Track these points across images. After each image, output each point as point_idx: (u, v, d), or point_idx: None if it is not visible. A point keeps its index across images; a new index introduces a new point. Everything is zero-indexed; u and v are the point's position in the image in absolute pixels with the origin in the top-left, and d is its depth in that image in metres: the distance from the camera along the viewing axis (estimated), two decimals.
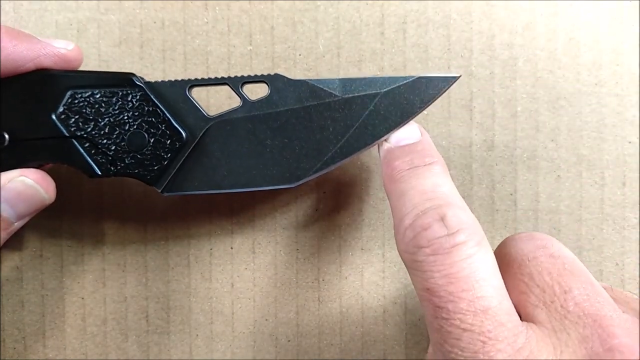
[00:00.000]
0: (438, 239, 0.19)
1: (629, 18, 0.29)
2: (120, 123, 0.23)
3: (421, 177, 0.22)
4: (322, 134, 0.24)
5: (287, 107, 0.24)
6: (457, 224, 0.19)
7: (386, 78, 0.24)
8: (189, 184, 0.24)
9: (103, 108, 0.23)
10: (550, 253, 0.20)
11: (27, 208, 0.23)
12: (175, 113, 0.24)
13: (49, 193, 0.24)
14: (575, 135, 0.29)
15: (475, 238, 0.19)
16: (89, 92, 0.23)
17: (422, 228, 0.19)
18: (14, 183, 0.23)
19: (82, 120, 0.23)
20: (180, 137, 0.24)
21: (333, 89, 0.24)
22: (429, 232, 0.19)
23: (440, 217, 0.19)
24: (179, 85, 0.24)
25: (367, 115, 0.24)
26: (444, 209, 0.20)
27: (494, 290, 0.18)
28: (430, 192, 0.21)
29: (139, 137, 0.24)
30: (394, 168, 0.23)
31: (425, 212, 0.20)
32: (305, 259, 0.29)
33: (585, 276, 0.20)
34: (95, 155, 0.23)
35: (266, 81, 0.24)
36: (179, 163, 0.24)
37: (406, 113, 0.24)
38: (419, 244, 0.19)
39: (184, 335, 0.29)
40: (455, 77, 0.24)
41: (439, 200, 0.20)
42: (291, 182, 0.24)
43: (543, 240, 0.21)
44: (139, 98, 0.24)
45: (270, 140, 0.24)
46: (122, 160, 0.24)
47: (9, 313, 0.28)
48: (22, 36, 0.23)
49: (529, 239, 0.21)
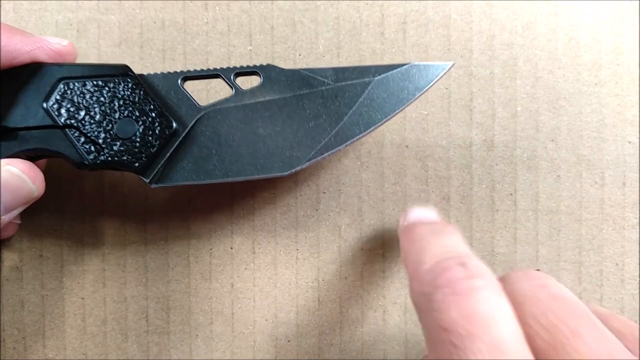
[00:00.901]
0: (459, 280, 0.19)
1: (629, 18, 0.29)
2: (111, 111, 0.23)
3: (442, 237, 0.22)
4: (315, 122, 0.24)
5: (279, 95, 0.24)
6: (477, 270, 0.19)
7: (379, 66, 0.24)
8: (178, 175, 0.24)
9: (94, 97, 0.23)
10: (552, 293, 0.20)
11: (14, 199, 0.22)
12: (167, 103, 0.24)
13: (37, 184, 0.23)
14: (575, 135, 0.29)
15: (494, 286, 0.19)
16: (81, 82, 0.23)
17: (442, 270, 0.19)
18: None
19: (74, 109, 0.23)
20: (170, 125, 0.24)
21: (325, 77, 0.24)
22: (449, 274, 0.19)
23: (460, 263, 0.19)
24: (172, 77, 0.24)
25: (360, 102, 0.24)
26: (465, 258, 0.20)
27: (513, 334, 0.18)
28: (450, 247, 0.21)
29: (129, 125, 0.23)
30: (416, 232, 0.23)
31: (446, 259, 0.20)
32: (305, 259, 0.29)
33: (589, 317, 0.19)
34: (85, 144, 0.23)
35: (259, 72, 0.24)
36: (168, 152, 0.24)
37: (400, 100, 0.24)
38: (438, 284, 0.19)
39: (184, 335, 0.29)
40: (449, 65, 0.24)
41: (459, 253, 0.20)
42: (284, 170, 0.24)
43: (541, 279, 0.21)
44: (131, 87, 0.23)
45: (262, 129, 0.24)
46: (110, 147, 0.23)
47: (9, 313, 0.28)
48: (17, 31, 0.23)
49: (526, 277, 0.21)
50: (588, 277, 0.29)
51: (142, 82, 0.24)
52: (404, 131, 0.29)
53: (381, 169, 0.29)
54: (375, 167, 0.29)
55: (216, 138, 0.24)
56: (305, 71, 0.24)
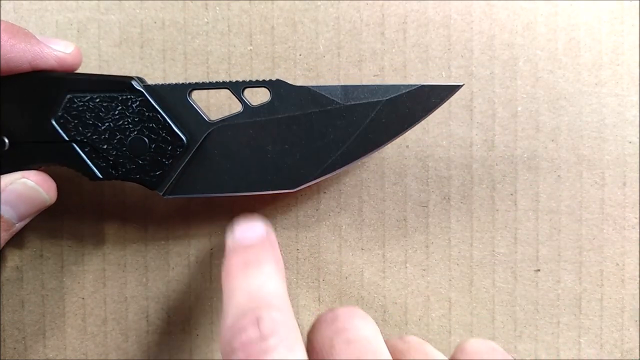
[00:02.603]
0: (250, 343, 0.19)
1: (629, 18, 0.29)
2: (121, 128, 0.23)
3: (250, 277, 0.22)
4: (322, 141, 0.24)
5: (288, 113, 0.24)
6: (270, 328, 0.19)
7: (389, 86, 0.24)
8: (190, 188, 0.24)
9: (102, 113, 0.23)
10: (347, 338, 0.20)
11: (28, 209, 0.23)
12: (176, 118, 0.24)
13: (50, 194, 0.24)
14: (576, 135, 0.29)
15: (287, 342, 0.19)
16: (87, 97, 0.23)
17: (238, 331, 0.19)
18: (15, 185, 0.23)
19: (82, 124, 0.23)
20: (182, 142, 0.24)
21: (335, 96, 0.24)
22: (243, 336, 0.19)
23: (256, 320, 0.19)
24: (179, 89, 0.24)
25: (368, 123, 0.24)
26: (262, 311, 0.20)
27: None
28: (254, 292, 0.21)
29: (140, 143, 0.24)
30: (231, 265, 0.22)
31: (244, 313, 0.20)
32: (305, 259, 0.29)
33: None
34: (96, 159, 0.24)
35: (268, 87, 0.24)
36: (180, 167, 0.24)
37: (408, 121, 0.24)
38: (234, 347, 0.19)
39: (184, 335, 0.29)
40: (459, 86, 0.24)
41: (259, 301, 0.20)
42: (291, 187, 0.25)
43: (343, 322, 0.21)
44: (139, 103, 0.23)
45: (271, 146, 0.24)
46: (123, 165, 0.24)
47: (9, 313, 0.28)
48: (21, 35, 0.23)
49: (331, 321, 0.21)
50: (588, 277, 0.29)
51: (150, 95, 0.24)
52: None
53: (381, 169, 0.29)
54: (375, 167, 0.29)
55: (226, 153, 0.24)
56: (315, 88, 0.24)
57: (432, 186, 0.29)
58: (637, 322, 0.29)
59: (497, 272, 0.29)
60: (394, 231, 0.29)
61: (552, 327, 0.29)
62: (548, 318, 0.29)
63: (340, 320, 0.21)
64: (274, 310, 0.20)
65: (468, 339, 0.23)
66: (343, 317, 0.21)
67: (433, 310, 0.29)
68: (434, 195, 0.29)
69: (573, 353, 0.29)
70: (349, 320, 0.21)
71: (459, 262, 0.29)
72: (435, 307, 0.29)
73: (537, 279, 0.29)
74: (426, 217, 0.29)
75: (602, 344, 0.29)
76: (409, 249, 0.29)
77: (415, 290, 0.29)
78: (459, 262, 0.29)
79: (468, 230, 0.29)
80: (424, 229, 0.29)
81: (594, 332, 0.29)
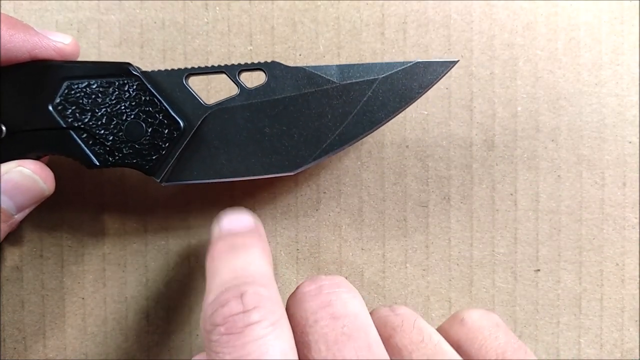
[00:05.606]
0: (233, 316, 0.18)
1: (629, 18, 0.29)
2: (118, 113, 0.23)
3: (236, 258, 0.21)
4: (320, 121, 0.24)
5: (284, 94, 0.24)
6: (254, 302, 0.18)
7: (384, 64, 0.24)
8: (187, 174, 0.24)
9: (100, 98, 0.23)
10: (332, 313, 0.19)
11: (26, 199, 0.23)
12: (173, 102, 0.24)
13: (48, 184, 0.23)
14: (576, 135, 0.29)
15: (271, 317, 0.18)
16: (85, 83, 0.23)
17: (220, 305, 0.19)
18: (11, 174, 0.22)
19: (79, 111, 0.23)
20: (178, 126, 0.24)
21: (331, 76, 0.24)
22: (225, 309, 0.18)
23: (240, 294, 0.19)
24: (176, 74, 0.24)
25: (365, 101, 0.24)
26: (246, 286, 0.19)
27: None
28: (239, 270, 0.20)
29: (137, 127, 0.23)
30: (215, 249, 0.22)
31: (228, 289, 0.19)
32: (305, 259, 0.29)
33: (363, 339, 0.19)
34: (93, 145, 0.23)
35: (263, 69, 0.24)
36: (177, 152, 0.24)
37: (405, 98, 0.24)
38: (215, 322, 0.18)
39: (184, 335, 0.29)
40: (454, 62, 0.24)
41: (244, 278, 0.20)
42: (290, 169, 0.24)
43: (328, 296, 0.20)
44: (136, 87, 0.23)
45: (268, 128, 0.24)
46: (120, 150, 0.23)
47: (9, 313, 0.28)
48: (20, 26, 0.23)
49: (316, 294, 0.20)
50: (588, 277, 0.29)
51: (146, 80, 0.24)
52: (404, 131, 0.29)
53: (381, 169, 0.29)
54: (375, 167, 0.29)
55: (224, 137, 0.24)
56: (310, 69, 0.24)
57: (432, 186, 0.29)
58: (637, 322, 0.29)
59: (497, 272, 0.29)
60: (394, 231, 0.29)
61: (552, 327, 0.29)
62: (548, 318, 0.29)
63: (324, 293, 0.20)
64: (259, 286, 0.19)
65: (467, 308, 0.22)
66: (328, 289, 0.20)
67: (433, 310, 0.29)
68: (434, 195, 0.29)
69: (573, 353, 0.29)
70: (334, 293, 0.20)
71: (459, 262, 0.29)
72: (435, 307, 0.29)
73: (537, 279, 0.29)
74: (426, 217, 0.29)
75: (602, 344, 0.29)
76: (409, 249, 0.29)
77: (415, 290, 0.29)
78: (459, 262, 0.29)
79: (468, 230, 0.29)
80: (424, 229, 0.29)
81: (594, 332, 0.29)
